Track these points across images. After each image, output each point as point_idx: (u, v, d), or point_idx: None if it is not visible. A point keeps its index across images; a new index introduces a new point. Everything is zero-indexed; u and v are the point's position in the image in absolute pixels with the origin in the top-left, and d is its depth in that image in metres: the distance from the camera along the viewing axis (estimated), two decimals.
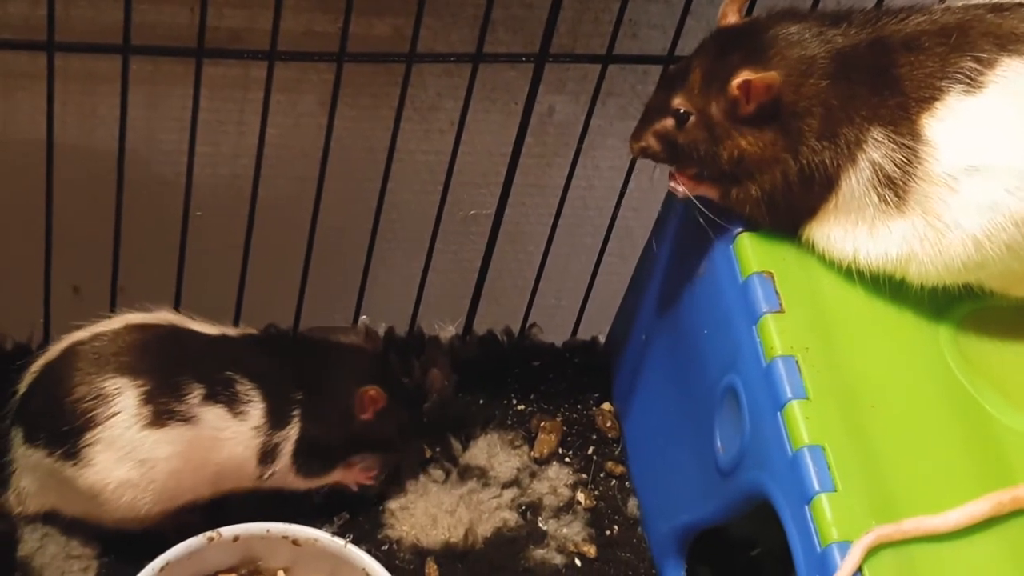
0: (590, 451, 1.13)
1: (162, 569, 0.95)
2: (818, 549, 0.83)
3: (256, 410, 0.99)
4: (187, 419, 0.96)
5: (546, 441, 1.12)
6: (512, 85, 1.27)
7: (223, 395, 0.98)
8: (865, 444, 0.86)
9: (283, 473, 1.01)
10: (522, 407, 1.14)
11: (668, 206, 1.06)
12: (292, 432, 1.00)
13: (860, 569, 0.81)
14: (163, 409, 0.96)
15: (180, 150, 1.12)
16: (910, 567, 0.82)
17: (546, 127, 1.33)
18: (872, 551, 0.81)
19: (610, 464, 1.12)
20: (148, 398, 0.95)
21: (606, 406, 1.15)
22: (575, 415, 1.15)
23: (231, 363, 0.99)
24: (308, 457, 1.01)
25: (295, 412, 1.00)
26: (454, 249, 1.32)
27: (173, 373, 0.97)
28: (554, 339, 1.20)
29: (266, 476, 1.01)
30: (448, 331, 1.17)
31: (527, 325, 1.20)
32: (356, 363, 1.05)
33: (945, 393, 0.90)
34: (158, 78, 1.21)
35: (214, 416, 0.97)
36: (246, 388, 0.99)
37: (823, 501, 0.83)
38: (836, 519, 0.83)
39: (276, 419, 1.00)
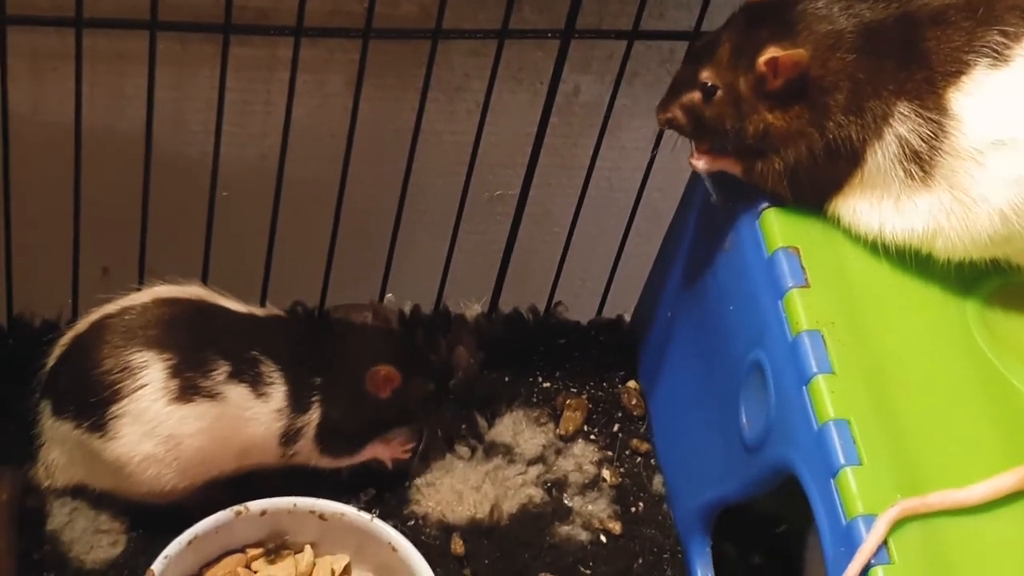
0: (615, 428, 1.13)
1: (190, 543, 0.96)
2: (844, 522, 0.83)
3: (278, 392, 0.99)
4: (212, 396, 0.97)
5: (571, 419, 1.12)
6: (539, 65, 1.27)
7: (247, 375, 0.98)
8: (891, 418, 0.86)
9: (308, 453, 1.02)
10: (547, 385, 1.15)
11: (693, 183, 1.06)
12: (314, 417, 1.01)
13: (885, 542, 0.81)
14: (189, 384, 0.96)
15: (208, 130, 1.13)
16: (936, 540, 0.82)
17: (572, 107, 1.33)
18: (897, 524, 0.81)
19: (635, 441, 1.12)
20: (175, 372, 0.96)
21: (631, 384, 1.16)
22: (600, 393, 1.15)
23: (257, 343, 1.00)
24: (332, 440, 1.02)
25: (315, 398, 1.01)
26: (481, 229, 1.32)
27: (200, 348, 0.97)
28: (580, 318, 1.20)
29: (289, 455, 1.01)
30: (474, 309, 1.18)
31: (552, 303, 1.20)
32: (368, 344, 1.05)
33: (972, 368, 0.90)
34: (186, 59, 1.22)
35: (238, 395, 0.98)
36: (270, 370, 0.99)
37: (848, 475, 0.83)
38: (862, 492, 0.83)
39: (297, 403, 1.00)
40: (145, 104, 1.06)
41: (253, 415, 0.98)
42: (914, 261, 0.92)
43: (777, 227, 0.93)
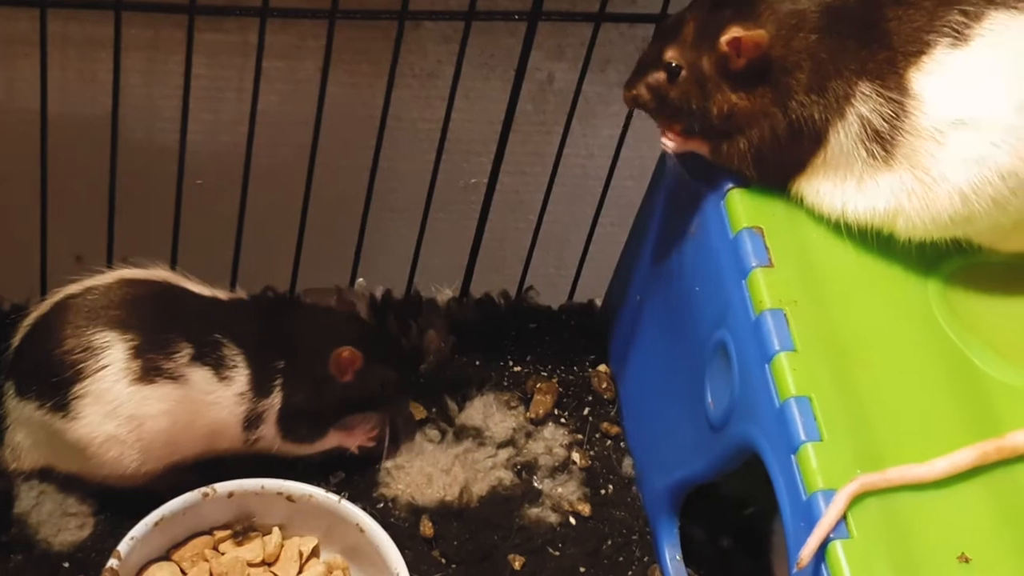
0: (585, 412, 1.14)
1: (157, 524, 0.96)
2: (804, 497, 0.83)
3: (241, 376, 0.99)
4: (175, 378, 0.97)
5: (542, 402, 1.13)
6: (511, 52, 1.27)
7: (210, 357, 0.98)
8: (852, 395, 0.87)
9: (271, 439, 1.02)
10: (518, 368, 1.15)
11: (661, 167, 1.07)
12: (275, 401, 1.00)
13: (844, 517, 0.81)
14: (151, 365, 0.96)
15: (180, 117, 1.13)
16: (895, 515, 0.82)
17: (546, 95, 1.34)
18: (857, 499, 0.82)
19: (605, 424, 1.13)
20: (137, 353, 0.96)
21: (602, 367, 1.16)
22: (571, 376, 1.15)
23: (219, 326, 1.00)
24: (294, 425, 1.02)
25: (277, 381, 1.01)
26: (455, 218, 1.33)
27: (163, 330, 0.97)
28: (551, 303, 1.21)
29: (252, 441, 1.01)
30: (445, 294, 1.18)
31: (524, 288, 1.20)
32: (330, 326, 1.04)
33: (933, 346, 0.90)
34: (158, 44, 1.22)
35: (200, 378, 0.98)
36: (232, 353, 0.99)
37: (809, 450, 0.84)
38: (822, 468, 0.83)
39: (259, 387, 1.00)
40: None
41: (216, 398, 0.98)
42: (876, 240, 0.92)
43: (741, 208, 0.94)
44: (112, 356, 0.95)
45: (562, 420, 1.13)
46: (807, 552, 0.81)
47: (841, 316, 0.90)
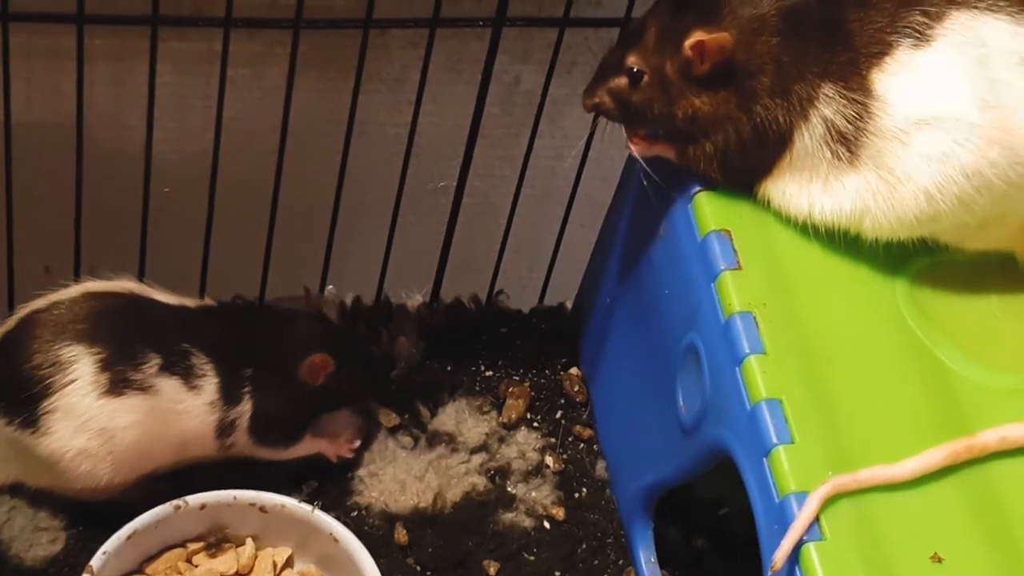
0: (558, 415, 1.14)
1: (129, 538, 0.96)
2: (776, 500, 0.83)
3: (210, 385, 0.99)
4: (144, 389, 0.97)
5: (514, 406, 1.13)
6: (478, 56, 1.26)
7: (179, 367, 0.98)
8: (823, 397, 0.87)
9: (245, 445, 1.02)
10: (490, 373, 1.15)
11: (628, 170, 1.07)
12: (245, 408, 1.00)
13: (817, 519, 0.82)
14: (120, 377, 0.96)
15: (146, 126, 1.13)
16: (867, 516, 0.82)
17: (513, 98, 1.34)
18: (829, 501, 0.82)
19: (578, 428, 1.13)
20: (105, 365, 0.96)
21: (573, 371, 1.16)
22: (543, 380, 1.15)
23: (188, 335, 0.99)
24: (265, 431, 1.01)
25: (246, 389, 1.00)
26: (425, 221, 1.32)
27: (130, 341, 0.97)
28: (521, 306, 1.21)
29: (227, 447, 1.01)
30: (416, 299, 1.18)
31: (495, 292, 1.20)
32: (299, 331, 1.04)
33: (901, 346, 0.90)
34: (124, 54, 1.22)
35: (170, 388, 0.98)
36: (201, 362, 0.99)
37: (781, 453, 0.84)
38: (793, 470, 0.83)
39: (229, 395, 1.00)
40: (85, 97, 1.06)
41: (186, 408, 0.98)
42: (843, 241, 0.93)
43: (709, 211, 0.94)
44: (80, 370, 0.95)
45: (535, 424, 1.13)
46: (781, 555, 0.81)
47: (810, 317, 0.90)
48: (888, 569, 0.81)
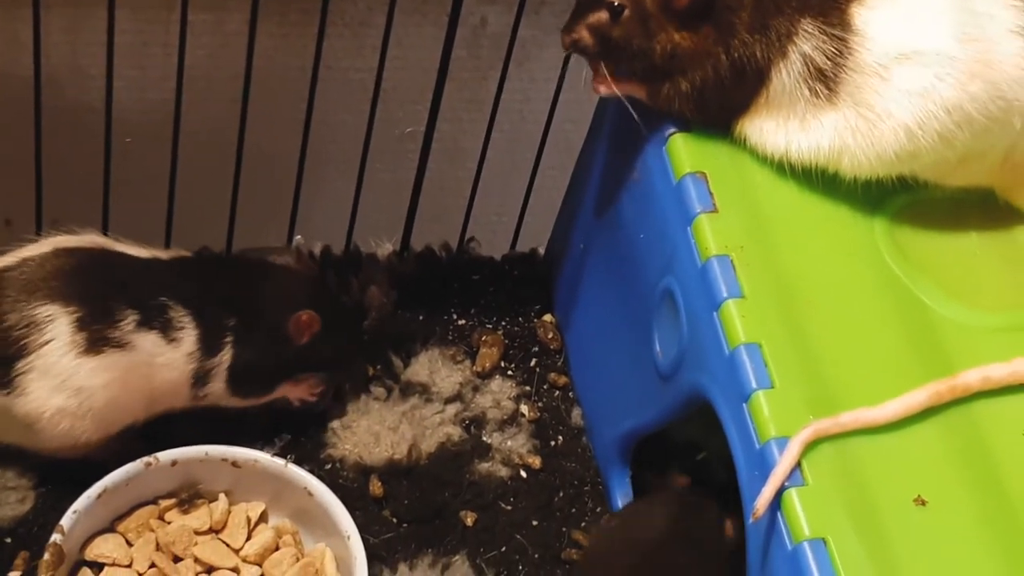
0: (532, 363, 1.12)
1: (99, 496, 0.94)
2: (757, 446, 0.82)
3: (189, 336, 0.97)
4: (122, 345, 0.95)
5: (488, 355, 1.11)
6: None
7: (157, 321, 0.96)
8: (803, 340, 0.85)
9: (219, 395, 1.00)
10: (463, 322, 1.13)
11: (601, 113, 1.05)
12: (225, 358, 0.99)
13: (799, 464, 0.80)
14: (97, 336, 0.94)
15: (105, 75, 1.10)
16: (850, 460, 0.81)
17: (480, 39, 1.31)
18: (811, 445, 0.81)
19: (553, 375, 1.11)
20: (81, 324, 0.93)
21: (547, 317, 1.14)
22: (516, 328, 1.14)
23: (163, 288, 0.97)
24: (243, 381, 1.00)
25: (228, 339, 0.99)
26: (392, 167, 1.30)
27: (106, 298, 0.95)
28: (494, 253, 1.19)
29: (200, 396, 0.99)
30: (385, 248, 1.16)
31: (466, 239, 1.18)
32: (290, 287, 1.03)
33: (881, 286, 0.89)
34: (79, 1, 1.19)
35: (148, 342, 0.96)
36: (179, 314, 0.97)
37: (760, 398, 0.83)
38: (774, 415, 0.82)
39: (208, 345, 0.98)
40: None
41: (165, 361, 0.97)
42: (821, 181, 0.91)
43: (684, 153, 0.92)
44: (56, 330, 0.93)
45: (509, 372, 1.11)
46: (762, 502, 0.80)
47: (789, 260, 0.89)
48: (872, 513, 0.80)
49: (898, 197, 0.92)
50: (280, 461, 0.98)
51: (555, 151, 1.22)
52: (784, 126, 0.90)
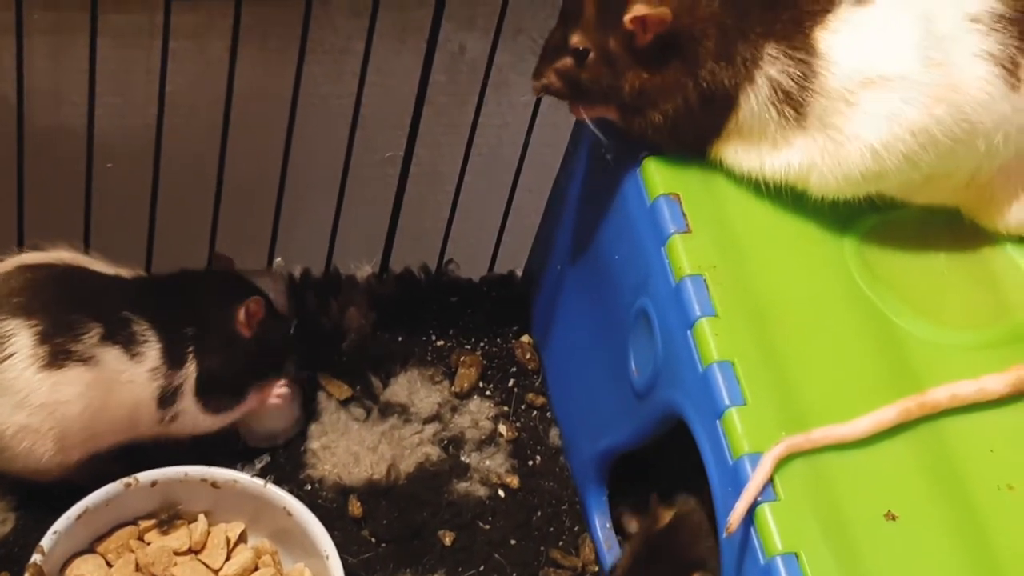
0: (510, 383, 1.13)
1: (79, 517, 0.95)
2: (730, 462, 0.83)
3: (152, 351, 0.97)
4: (85, 360, 0.95)
5: (466, 375, 1.12)
6: (422, 25, 1.26)
7: (120, 336, 0.96)
8: (775, 358, 0.87)
9: (190, 414, 1.00)
10: (441, 343, 1.14)
11: (576, 136, 1.06)
12: (191, 370, 0.99)
13: (772, 479, 0.82)
14: (60, 349, 0.94)
15: (87, 101, 1.11)
16: (821, 476, 0.83)
17: (458, 65, 1.33)
18: (783, 461, 0.82)
19: (531, 395, 1.12)
20: (43, 338, 0.93)
21: (525, 338, 1.16)
22: (495, 348, 1.15)
23: (127, 303, 0.97)
24: (212, 392, 1.00)
25: (190, 349, 0.99)
26: (372, 193, 1.31)
27: (69, 312, 0.95)
28: (472, 275, 1.20)
29: (168, 419, 0.99)
30: (365, 270, 1.17)
31: (444, 261, 1.19)
32: (227, 284, 1.03)
33: (851, 305, 0.91)
34: (61, 27, 1.20)
35: (112, 358, 0.96)
36: (142, 328, 0.97)
37: (734, 415, 0.84)
38: (747, 431, 0.83)
39: (172, 359, 0.98)
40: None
41: (130, 377, 0.96)
42: (792, 202, 0.93)
43: (658, 175, 0.94)
44: (17, 344, 0.93)
45: (487, 393, 1.12)
46: (736, 516, 0.81)
47: (760, 279, 0.90)
48: (843, 528, 0.81)
49: (867, 217, 0.94)
50: (259, 481, 0.99)
51: (532, 174, 1.23)
52: (757, 148, 0.92)
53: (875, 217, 0.94)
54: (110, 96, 1.24)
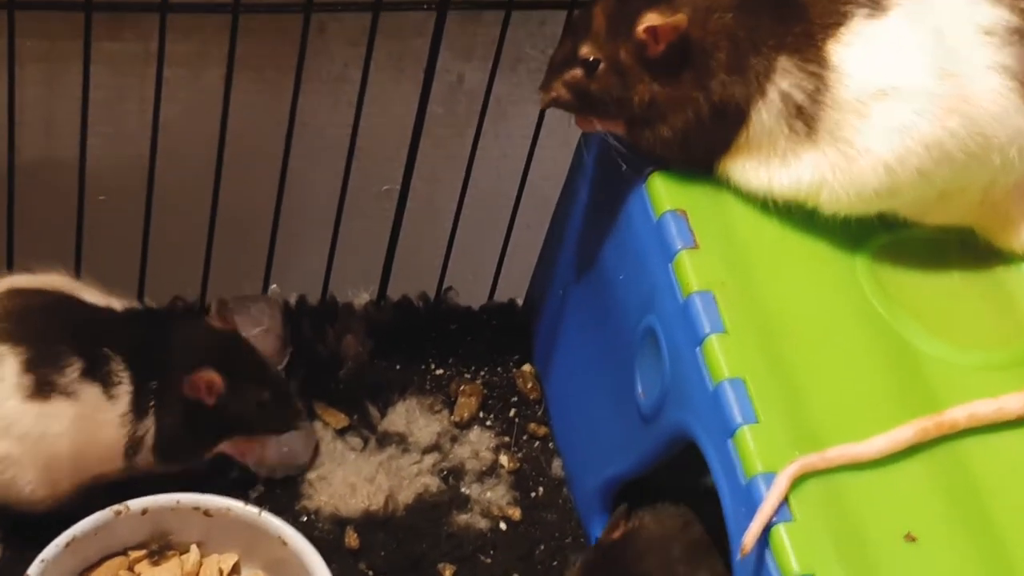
0: (511, 413, 1.11)
1: (68, 545, 0.92)
2: (743, 482, 0.81)
3: (124, 395, 0.94)
4: (68, 394, 0.92)
5: (466, 405, 1.10)
6: (420, 53, 1.25)
7: (99, 373, 0.93)
8: (787, 376, 0.84)
9: (150, 462, 0.96)
10: (440, 372, 1.12)
11: (580, 155, 1.04)
12: (150, 424, 0.95)
13: (786, 499, 0.79)
14: (44, 380, 0.91)
15: (80, 131, 1.09)
16: (837, 496, 0.80)
17: (457, 96, 1.31)
18: (798, 481, 0.80)
19: (532, 426, 1.10)
20: (29, 366, 0.91)
21: (526, 367, 1.13)
22: (495, 378, 1.12)
23: (109, 339, 0.94)
24: (169, 450, 0.96)
25: (151, 403, 0.95)
26: (369, 226, 1.29)
27: (55, 342, 0.92)
28: (472, 304, 1.18)
29: (133, 467, 0.96)
30: (362, 298, 1.15)
31: (443, 289, 1.17)
32: (191, 344, 0.97)
33: (864, 323, 0.88)
34: (53, 56, 1.19)
35: (91, 395, 0.93)
36: (118, 368, 0.94)
37: (746, 433, 0.81)
38: (760, 450, 0.81)
39: (138, 408, 0.94)
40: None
41: (106, 418, 0.93)
42: (802, 219, 0.90)
43: (664, 191, 0.92)
44: (3, 371, 0.91)
45: (488, 423, 1.10)
46: (750, 537, 0.78)
47: (771, 296, 0.88)
48: (861, 549, 0.78)
49: (879, 236, 0.92)
50: (254, 509, 0.96)
51: (531, 208, 1.22)
52: (766, 164, 0.90)
53: (887, 235, 0.92)
54: (102, 126, 1.22)
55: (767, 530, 0.78)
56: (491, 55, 1.25)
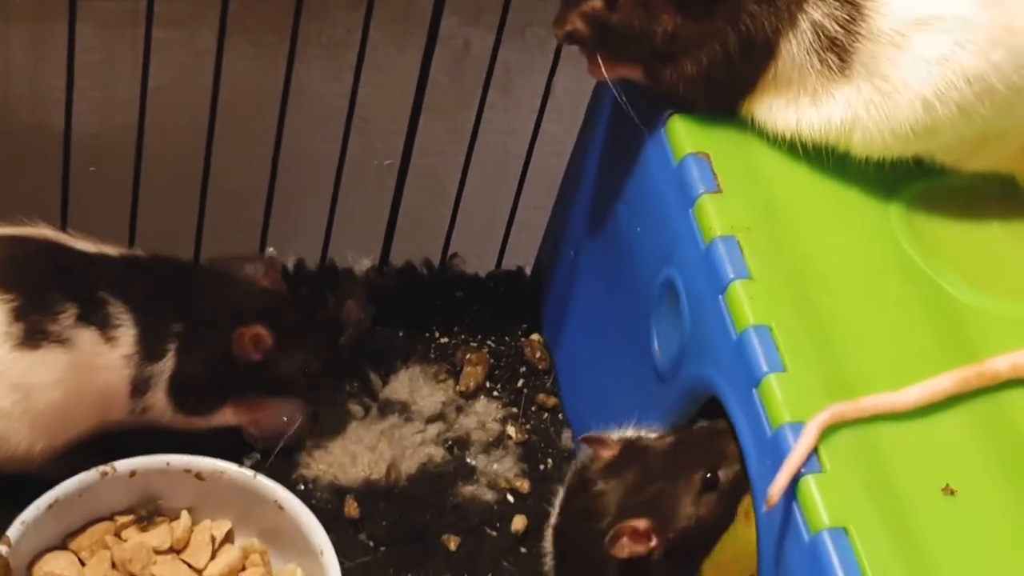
0: (519, 384, 1.06)
1: (50, 507, 0.87)
2: (769, 433, 0.76)
3: (127, 336, 0.90)
4: (61, 341, 0.88)
5: (472, 374, 1.05)
6: (425, 18, 1.21)
7: (96, 317, 0.89)
8: (816, 323, 0.79)
9: (160, 409, 0.92)
10: (445, 340, 1.07)
11: (594, 107, 1.00)
12: (167, 366, 0.91)
13: (816, 450, 0.74)
14: (35, 328, 0.87)
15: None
16: (871, 447, 0.75)
17: (463, 64, 1.27)
18: (828, 431, 0.74)
19: (541, 396, 1.05)
20: (18, 314, 0.87)
21: (535, 337, 1.08)
22: (502, 347, 1.07)
23: (105, 283, 0.91)
24: (185, 394, 0.92)
25: (171, 345, 0.92)
26: (369, 197, 1.25)
27: (46, 289, 0.88)
28: (479, 271, 1.13)
29: (139, 410, 0.92)
30: (363, 263, 1.10)
31: (448, 255, 1.12)
32: (245, 298, 0.95)
33: (899, 271, 0.83)
34: (42, 13, 1.14)
35: (87, 339, 0.89)
36: (118, 311, 0.90)
37: (772, 381, 0.76)
38: (787, 399, 0.76)
39: (148, 349, 0.91)
40: None
41: (104, 363, 0.89)
42: (832, 162, 0.86)
43: (684, 133, 0.87)
44: None
45: (495, 393, 1.05)
46: (777, 489, 0.73)
47: (799, 242, 0.83)
48: (896, 502, 0.73)
49: (915, 183, 0.87)
50: (248, 472, 0.91)
51: (537, 186, 1.17)
52: (794, 102, 0.85)
53: (923, 183, 0.87)
54: (92, 91, 1.18)
55: (795, 482, 0.73)
56: (497, 20, 1.21)
